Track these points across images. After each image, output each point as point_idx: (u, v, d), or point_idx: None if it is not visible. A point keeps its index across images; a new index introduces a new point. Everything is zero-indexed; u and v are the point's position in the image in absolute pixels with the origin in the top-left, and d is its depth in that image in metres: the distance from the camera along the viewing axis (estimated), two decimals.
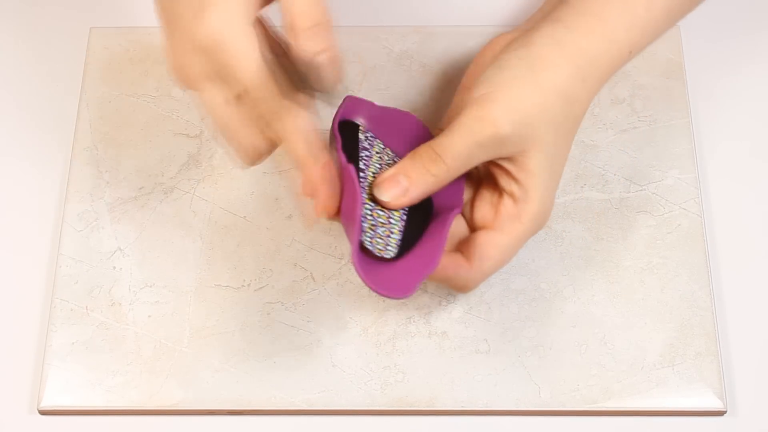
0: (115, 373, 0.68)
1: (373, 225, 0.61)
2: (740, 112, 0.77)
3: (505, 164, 0.62)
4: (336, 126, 0.63)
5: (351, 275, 0.71)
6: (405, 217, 0.63)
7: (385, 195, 0.62)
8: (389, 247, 0.62)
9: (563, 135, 0.63)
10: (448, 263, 0.63)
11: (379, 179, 0.62)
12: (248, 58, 0.55)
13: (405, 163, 0.62)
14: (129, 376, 0.68)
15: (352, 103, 0.65)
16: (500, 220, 0.63)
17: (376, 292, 0.59)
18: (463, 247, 0.64)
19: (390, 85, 0.76)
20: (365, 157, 0.64)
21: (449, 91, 0.76)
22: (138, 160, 0.74)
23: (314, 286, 0.70)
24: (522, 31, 0.67)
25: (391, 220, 0.62)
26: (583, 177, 0.74)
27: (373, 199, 0.62)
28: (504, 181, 0.63)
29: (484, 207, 0.64)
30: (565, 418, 0.68)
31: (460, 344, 0.69)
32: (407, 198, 0.62)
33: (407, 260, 0.62)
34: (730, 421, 0.68)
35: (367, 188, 0.62)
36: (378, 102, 0.67)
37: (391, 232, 0.62)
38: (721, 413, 0.68)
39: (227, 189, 0.73)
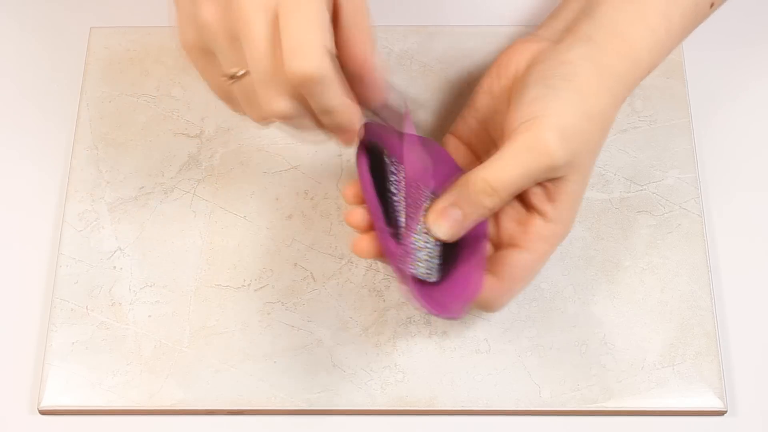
0: (115, 373, 0.68)
1: (413, 249, 0.61)
2: (740, 112, 0.77)
3: (548, 184, 0.62)
4: (361, 146, 0.62)
5: (351, 275, 0.71)
6: (440, 242, 0.63)
7: (440, 229, 0.61)
8: (432, 271, 0.62)
9: (594, 156, 0.63)
10: (479, 284, 0.62)
11: (432, 211, 0.61)
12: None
13: (458, 195, 0.61)
14: (129, 376, 0.68)
15: (374, 127, 0.63)
16: (530, 240, 0.62)
17: (435, 313, 0.60)
18: (491, 266, 0.63)
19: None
20: (394, 182, 0.63)
21: (449, 91, 0.76)
22: (138, 160, 0.74)
23: (314, 286, 0.70)
24: (546, 42, 0.66)
25: (428, 245, 0.62)
26: None
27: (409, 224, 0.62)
28: (537, 200, 0.62)
29: (511, 223, 0.63)
30: (565, 418, 0.68)
31: (460, 344, 0.69)
32: (462, 231, 0.61)
33: (449, 283, 0.62)
34: (730, 421, 0.68)
35: (403, 211, 0.62)
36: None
37: (430, 257, 0.62)
38: (721, 413, 0.68)
39: (227, 189, 0.73)
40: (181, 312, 0.70)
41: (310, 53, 0.53)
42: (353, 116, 0.57)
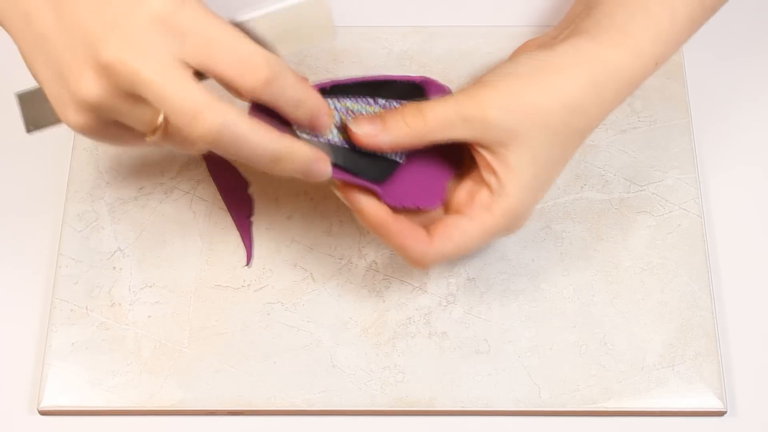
0: (115, 373, 0.68)
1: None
2: (740, 112, 0.77)
3: (485, 153, 0.61)
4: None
5: (351, 275, 0.71)
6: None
7: (358, 128, 0.60)
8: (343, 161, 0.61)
9: (560, 143, 0.62)
10: (410, 232, 0.62)
11: (356, 117, 0.61)
12: (211, 17, 0.53)
13: (386, 112, 0.61)
14: (129, 376, 0.68)
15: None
16: (472, 207, 0.62)
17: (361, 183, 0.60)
18: (431, 225, 0.63)
19: None
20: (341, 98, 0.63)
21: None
22: (138, 160, 0.74)
23: (314, 286, 0.70)
24: (549, 38, 0.66)
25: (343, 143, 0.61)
26: (583, 177, 0.74)
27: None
28: (485, 172, 0.62)
29: (462, 193, 0.63)
30: (565, 418, 0.68)
31: (460, 344, 0.69)
32: (378, 139, 0.60)
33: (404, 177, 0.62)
34: (730, 421, 0.68)
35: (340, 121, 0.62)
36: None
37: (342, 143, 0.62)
38: (721, 413, 0.68)
39: None
40: (181, 312, 0.70)
41: (199, 120, 0.52)
42: (320, 101, 0.57)
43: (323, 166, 0.58)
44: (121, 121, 0.55)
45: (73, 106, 0.55)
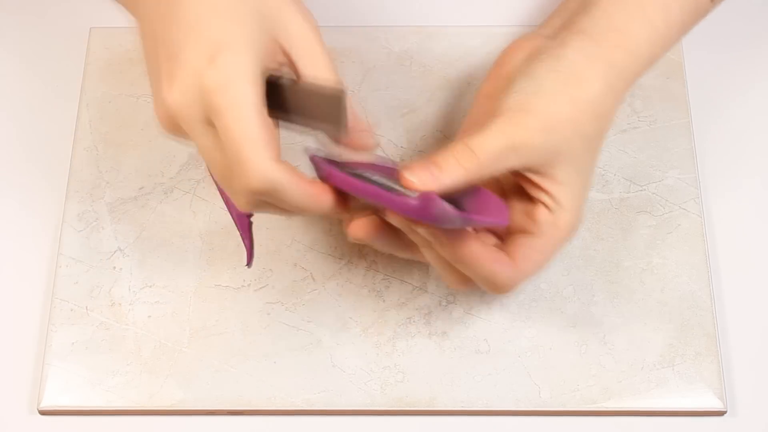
0: (114, 373, 0.68)
1: None
2: (740, 112, 0.77)
3: (534, 177, 0.62)
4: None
5: (351, 275, 0.71)
6: None
7: (414, 177, 0.59)
8: None
9: (593, 149, 0.63)
10: (492, 257, 0.61)
11: (410, 165, 0.60)
12: (243, 108, 0.54)
13: (436, 155, 0.60)
14: (129, 376, 0.68)
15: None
16: (539, 225, 0.62)
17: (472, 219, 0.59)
18: (505, 247, 0.63)
19: (390, 85, 0.77)
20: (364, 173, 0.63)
21: (449, 91, 0.76)
22: (138, 160, 0.74)
23: (314, 286, 0.70)
24: (542, 38, 0.66)
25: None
26: None
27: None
28: (534, 192, 0.62)
29: (517, 215, 0.63)
30: (565, 418, 0.68)
31: (460, 344, 0.69)
32: (435, 184, 0.59)
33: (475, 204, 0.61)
34: (730, 421, 0.68)
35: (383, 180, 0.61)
36: (378, 103, 0.67)
37: None
38: (721, 413, 0.68)
39: None
40: (181, 312, 0.70)
41: (252, 170, 0.55)
42: (323, 204, 0.58)
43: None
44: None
45: (158, 106, 0.58)
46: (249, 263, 0.67)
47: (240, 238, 0.69)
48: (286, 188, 0.56)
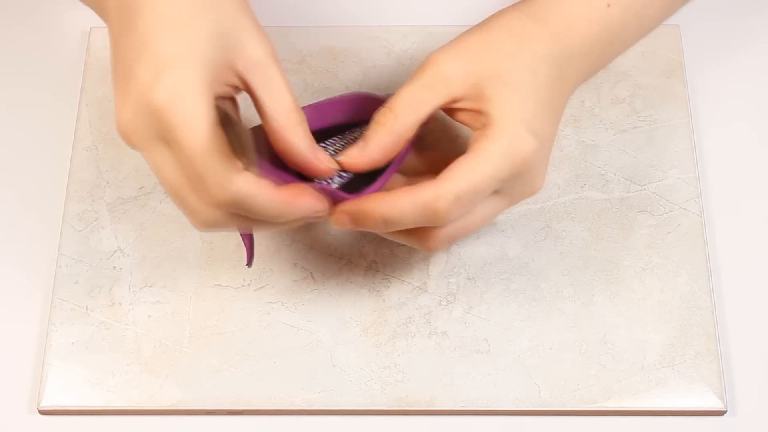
0: (114, 373, 0.68)
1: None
2: (740, 112, 0.77)
3: (462, 105, 0.61)
4: None
5: (351, 275, 0.71)
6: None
7: (346, 158, 0.61)
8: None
9: (523, 65, 0.60)
10: (415, 186, 0.59)
11: (342, 151, 0.62)
12: (201, 121, 0.54)
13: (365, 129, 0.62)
14: (129, 376, 0.68)
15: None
16: (467, 148, 0.60)
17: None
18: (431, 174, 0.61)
19: (390, 85, 0.76)
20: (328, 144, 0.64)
21: None
22: (138, 159, 0.74)
23: (314, 286, 0.70)
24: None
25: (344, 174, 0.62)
26: (583, 177, 0.74)
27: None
28: (474, 123, 0.61)
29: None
30: (565, 418, 0.68)
31: (460, 344, 0.69)
32: (365, 157, 0.61)
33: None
34: (730, 421, 0.68)
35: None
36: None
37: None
38: (721, 413, 0.68)
39: None
40: (181, 312, 0.70)
41: (215, 184, 0.55)
42: (299, 208, 0.58)
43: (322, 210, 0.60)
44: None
45: (117, 123, 0.57)
46: (249, 263, 0.67)
47: (240, 238, 0.69)
48: (255, 196, 0.56)
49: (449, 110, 0.62)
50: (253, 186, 0.56)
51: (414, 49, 0.78)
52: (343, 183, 0.62)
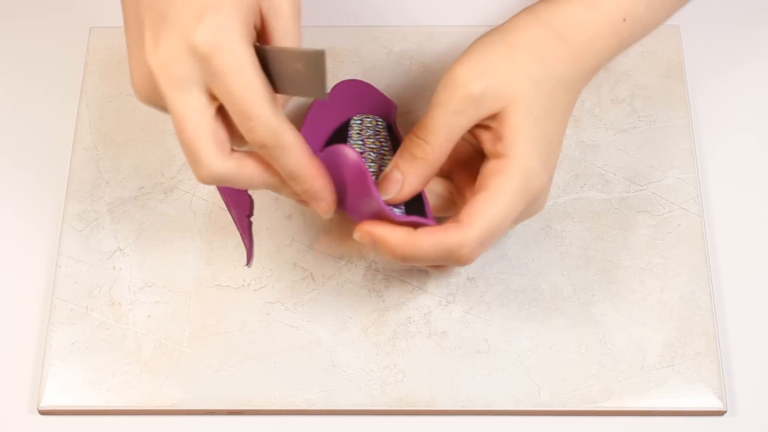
0: (114, 373, 0.68)
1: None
2: (740, 112, 0.77)
3: (488, 122, 0.61)
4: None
5: (351, 275, 0.71)
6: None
7: (386, 195, 0.62)
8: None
9: (546, 93, 0.61)
10: (438, 230, 0.60)
11: (380, 179, 0.63)
12: (244, 67, 0.54)
13: (396, 158, 0.62)
14: (129, 376, 0.68)
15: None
16: (482, 179, 0.61)
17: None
18: (456, 217, 0.62)
19: (390, 85, 0.76)
20: (356, 141, 0.66)
21: None
22: (138, 160, 0.74)
23: (314, 286, 0.70)
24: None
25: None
26: (583, 177, 0.74)
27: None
28: (488, 145, 0.61)
29: (477, 180, 0.63)
30: (565, 418, 0.68)
31: (460, 344, 0.69)
32: (406, 191, 0.62)
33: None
34: (730, 421, 0.68)
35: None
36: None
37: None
38: (721, 413, 0.68)
39: None
40: (181, 312, 0.70)
41: (263, 125, 0.55)
42: (318, 185, 0.58)
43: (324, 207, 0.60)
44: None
45: (141, 72, 0.57)
46: (248, 263, 0.67)
47: (240, 238, 0.69)
48: (296, 149, 0.56)
49: (474, 133, 0.62)
50: (296, 139, 0.56)
51: (414, 49, 0.78)
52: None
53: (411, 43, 0.78)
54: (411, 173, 0.62)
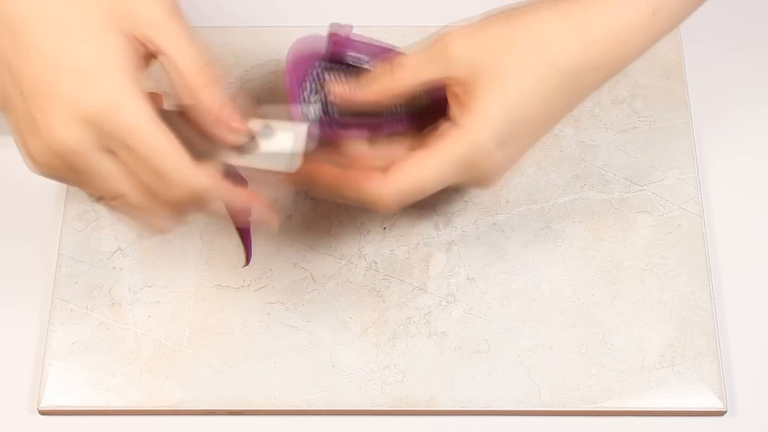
0: (115, 373, 0.68)
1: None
2: (740, 112, 0.77)
3: (455, 90, 0.60)
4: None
5: (351, 275, 0.71)
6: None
7: (332, 92, 0.63)
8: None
9: (532, 75, 0.59)
10: (363, 175, 0.60)
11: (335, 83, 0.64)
12: (147, 120, 0.53)
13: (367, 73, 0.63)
14: (129, 376, 0.68)
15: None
16: (428, 137, 0.60)
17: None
18: (386, 162, 0.62)
19: None
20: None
21: None
22: None
23: (314, 286, 0.70)
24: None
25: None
26: (583, 177, 0.74)
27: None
28: (453, 109, 0.60)
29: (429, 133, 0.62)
30: (565, 418, 0.68)
31: (460, 344, 0.69)
32: (352, 97, 0.63)
33: None
34: (730, 421, 0.68)
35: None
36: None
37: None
38: (721, 413, 0.68)
39: None
40: (181, 312, 0.70)
41: (179, 180, 0.54)
42: (251, 210, 0.59)
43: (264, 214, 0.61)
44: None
45: (39, 149, 0.54)
46: (247, 262, 0.67)
47: (240, 239, 0.69)
48: (218, 190, 0.56)
49: (445, 86, 0.61)
50: (214, 179, 0.56)
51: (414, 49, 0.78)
52: (318, 117, 0.64)
53: (411, 43, 0.78)
54: (364, 86, 0.62)
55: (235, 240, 0.71)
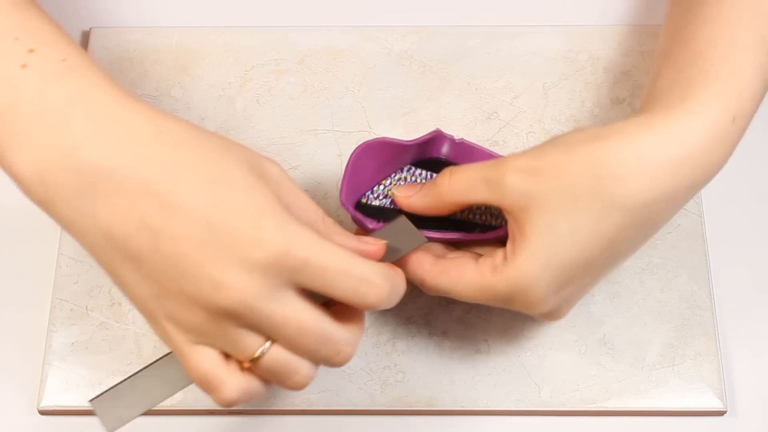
0: (115, 373, 0.68)
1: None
2: None
3: (509, 219, 0.58)
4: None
5: None
6: None
7: (399, 191, 0.63)
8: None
9: (586, 213, 0.55)
10: (420, 259, 0.60)
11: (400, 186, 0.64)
12: (322, 243, 0.53)
13: (426, 184, 0.63)
14: None
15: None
16: (484, 259, 0.59)
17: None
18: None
19: (390, 85, 0.77)
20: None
21: (449, 91, 0.76)
22: None
23: None
24: None
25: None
26: None
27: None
28: (509, 236, 0.59)
29: (490, 249, 0.62)
30: (565, 418, 0.68)
31: (460, 344, 0.69)
32: (410, 200, 0.62)
33: None
34: (730, 421, 0.68)
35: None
36: (378, 103, 0.67)
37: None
38: (721, 413, 0.68)
39: None
40: None
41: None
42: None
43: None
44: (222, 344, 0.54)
45: (193, 314, 0.53)
46: None
47: None
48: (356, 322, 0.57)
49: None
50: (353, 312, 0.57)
51: (414, 49, 0.78)
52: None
53: (411, 43, 0.78)
54: (420, 193, 0.62)
55: None
